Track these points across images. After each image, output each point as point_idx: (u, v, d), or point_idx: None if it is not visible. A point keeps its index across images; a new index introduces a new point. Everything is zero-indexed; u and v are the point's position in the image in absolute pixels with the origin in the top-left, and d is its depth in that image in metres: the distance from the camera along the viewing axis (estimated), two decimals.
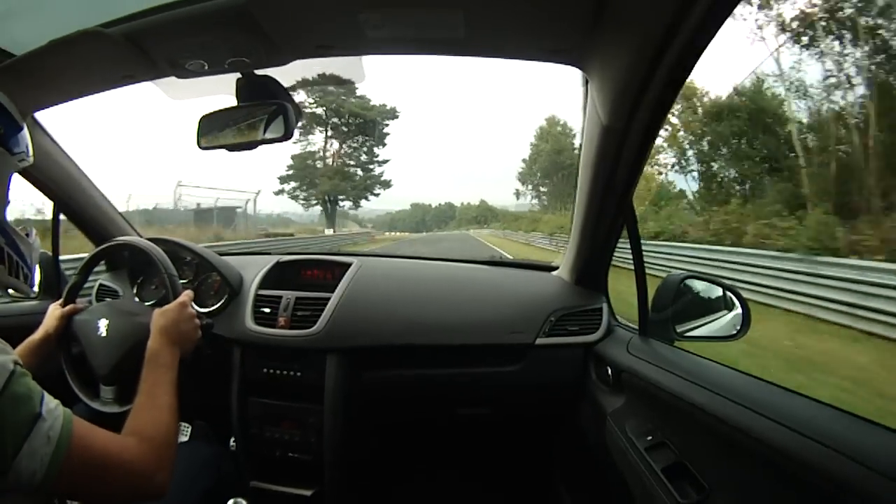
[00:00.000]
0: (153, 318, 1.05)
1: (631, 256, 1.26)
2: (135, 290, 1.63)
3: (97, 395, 1.14)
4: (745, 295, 1.24)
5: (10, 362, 0.65)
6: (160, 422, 0.86)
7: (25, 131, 0.81)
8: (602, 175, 1.15)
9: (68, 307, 1.19)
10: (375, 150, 31.88)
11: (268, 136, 1.07)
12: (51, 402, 0.68)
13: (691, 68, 0.80)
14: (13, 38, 1.01)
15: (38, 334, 1.12)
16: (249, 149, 1.11)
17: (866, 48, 9.12)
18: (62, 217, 1.65)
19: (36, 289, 1.61)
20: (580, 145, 1.20)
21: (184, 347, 1.06)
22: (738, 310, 1.23)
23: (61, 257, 1.73)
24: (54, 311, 1.17)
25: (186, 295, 1.14)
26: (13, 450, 0.61)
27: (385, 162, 32.71)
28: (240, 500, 1.23)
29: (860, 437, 0.65)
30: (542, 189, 38.86)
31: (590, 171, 1.18)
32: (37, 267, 1.63)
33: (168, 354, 0.99)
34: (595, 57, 0.91)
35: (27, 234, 0.86)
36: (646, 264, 1.26)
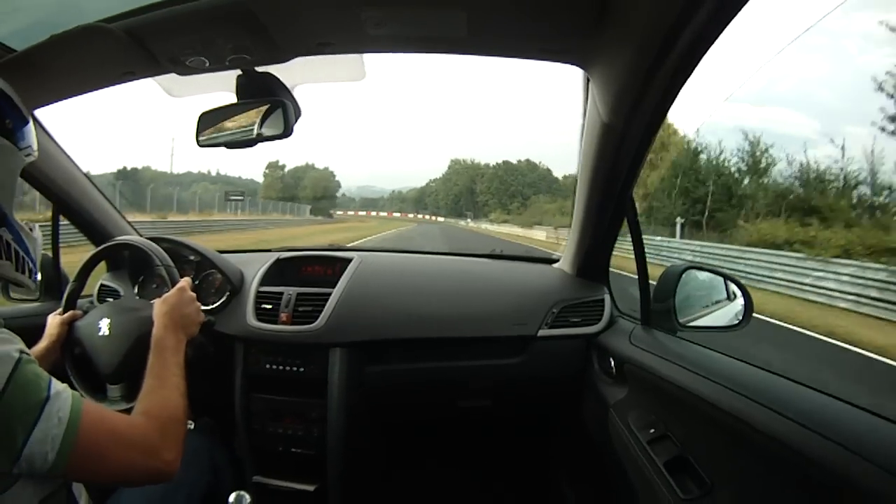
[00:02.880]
0: (155, 308, 1.06)
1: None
2: (136, 290, 1.63)
3: (105, 395, 1.14)
4: None
5: (15, 351, 0.67)
6: (168, 401, 0.88)
7: (31, 125, 0.81)
8: (602, 171, 1.16)
9: (68, 314, 1.18)
10: None
11: (267, 133, 1.07)
12: (58, 385, 0.69)
13: (693, 69, 0.80)
14: (13, 33, 1.00)
15: (41, 344, 1.12)
16: (249, 146, 1.11)
17: None
18: None
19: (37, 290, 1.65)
20: (580, 141, 1.20)
21: (188, 330, 1.07)
22: (740, 300, 1.24)
23: None
24: (54, 319, 1.17)
25: (185, 280, 1.15)
26: (24, 434, 0.63)
27: None
28: (243, 493, 1.23)
29: (865, 431, 0.65)
30: None
31: (590, 167, 1.19)
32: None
33: (173, 339, 1.00)
34: (596, 56, 0.91)
35: (30, 229, 0.87)
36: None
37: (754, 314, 1.22)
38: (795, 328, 7.23)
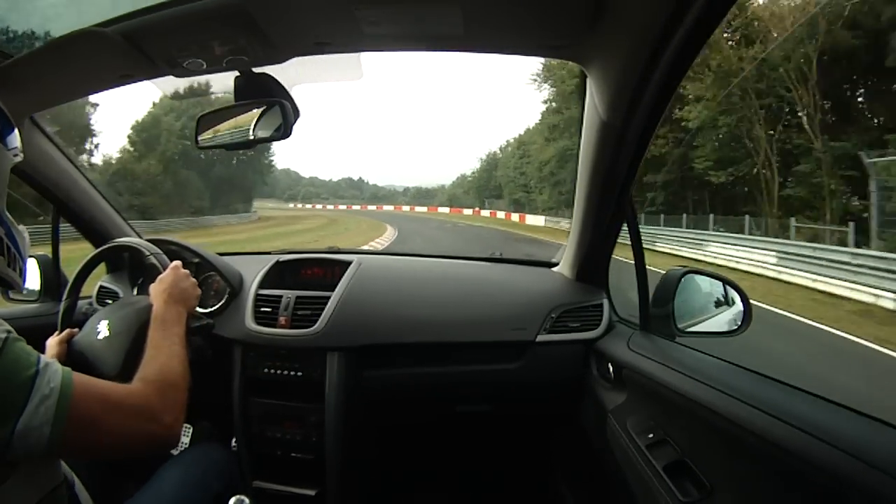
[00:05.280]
0: (151, 289, 1.06)
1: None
2: (135, 292, 1.63)
3: None
4: None
5: (2, 331, 0.67)
6: (166, 367, 0.87)
7: (16, 131, 0.81)
8: (601, 170, 1.15)
9: (65, 332, 1.15)
10: None
11: (266, 134, 1.07)
12: (48, 360, 0.69)
13: (690, 63, 0.81)
14: (11, 39, 1.00)
15: None
16: (247, 147, 1.12)
17: None
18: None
19: (37, 289, 1.65)
20: (579, 141, 1.20)
21: (188, 304, 1.07)
22: (739, 305, 1.23)
23: None
24: (52, 340, 1.13)
25: (176, 262, 1.15)
26: (17, 409, 0.62)
27: None
28: (243, 497, 1.22)
29: (863, 434, 0.65)
30: None
31: (589, 167, 1.18)
32: (37, 268, 1.65)
33: (173, 312, 1.00)
34: (594, 53, 0.91)
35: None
36: None
37: None
38: None
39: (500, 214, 34.49)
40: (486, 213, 37.92)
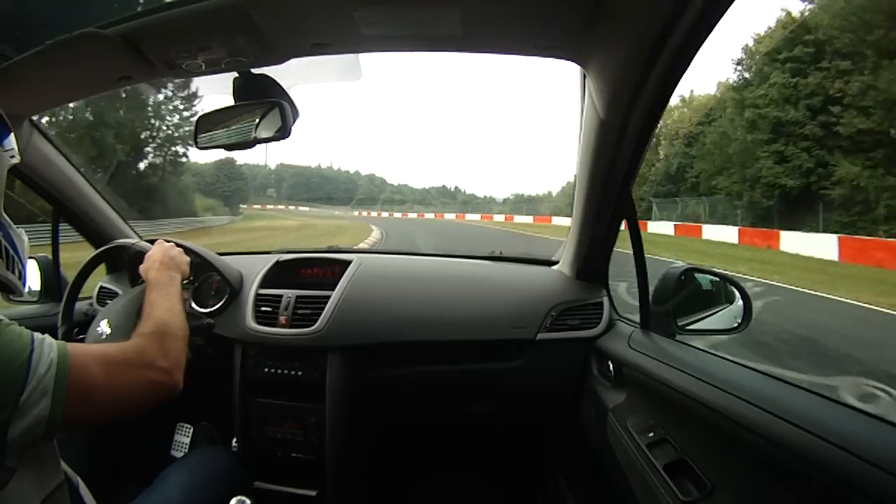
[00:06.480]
0: (142, 267, 1.10)
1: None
2: None
3: None
4: None
5: None
6: (160, 319, 0.90)
7: (12, 134, 0.81)
8: (600, 170, 1.15)
9: None
10: None
11: (265, 134, 1.07)
12: (41, 336, 0.69)
13: (689, 63, 0.80)
14: (10, 42, 1.00)
15: None
16: (247, 148, 1.12)
17: None
18: None
19: (38, 290, 1.65)
20: (578, 140, 1.20)
21: (179, 268, 1.12)
22: (739, 302, 1.23)
23: None
24: None
25: (159, 240, 1.19)
26: (18, 389, 0.63)
27: None
28: (244, 498, 1.23)
29: (863, 433, 0.64)
30: None
31: (588, 166, 1.18)
32: (37, 270, 1.65)
33: (165, 275, 1.05)
34: (592, 52, 0.91)
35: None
36: None
37: None
38: None
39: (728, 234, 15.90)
40: (659, 225, 19.10)
